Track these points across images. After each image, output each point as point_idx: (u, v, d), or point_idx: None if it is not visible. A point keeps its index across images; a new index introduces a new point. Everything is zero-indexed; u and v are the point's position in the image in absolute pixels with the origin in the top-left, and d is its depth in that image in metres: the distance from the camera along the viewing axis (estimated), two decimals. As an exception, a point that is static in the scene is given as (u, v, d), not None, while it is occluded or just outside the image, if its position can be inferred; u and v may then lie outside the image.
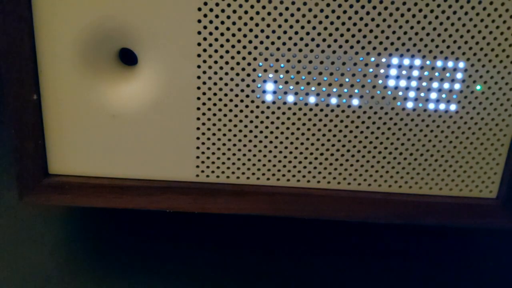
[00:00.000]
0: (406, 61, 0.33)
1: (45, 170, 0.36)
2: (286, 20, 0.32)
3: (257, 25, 0.32)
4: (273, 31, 0.32)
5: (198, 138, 0.35)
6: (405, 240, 0.42)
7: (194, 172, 0.36)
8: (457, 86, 0.34)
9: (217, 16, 0.32)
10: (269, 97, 0.34)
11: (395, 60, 0.33)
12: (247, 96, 0.34)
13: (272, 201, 0.37)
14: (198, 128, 0.35)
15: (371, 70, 0.33)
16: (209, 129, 0.35)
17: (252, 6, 0.31)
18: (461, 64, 0.33)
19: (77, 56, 0.33)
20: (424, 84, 0.34)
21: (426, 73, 0.33)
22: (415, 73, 0.33)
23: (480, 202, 0.37)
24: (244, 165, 0.36)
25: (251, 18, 0.32)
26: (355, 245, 0.41)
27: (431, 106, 0.34)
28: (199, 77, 0.33)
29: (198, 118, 0.34)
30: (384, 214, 0.37)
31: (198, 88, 0.34)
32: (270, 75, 0.33)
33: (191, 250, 0.40)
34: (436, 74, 0.34)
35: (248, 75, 0.33)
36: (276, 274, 0.38)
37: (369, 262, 0.40)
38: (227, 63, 0.33)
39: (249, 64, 0.33)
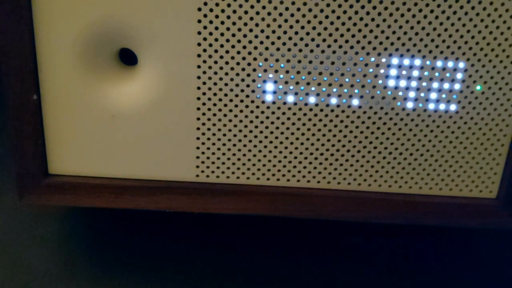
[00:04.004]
0: (406, 61, 0.33)
1: (45, 170, 0.36)
2: (286, 20, 0.32)
3: (257, 25, 0.32)
4: (273, 31, 0.32)
5: (198, 138, 0.35)
6: (405, 240, 0.42)
7: (194, 172, 0.36)
8: (457, 86, 0.34)
9: (217, 16, 0.32)
10: (269, 97, 0.34)
11: (395, 60, 0.33)
12: (247, 96, 0.34)
13: (272, 201, 0.37)
14: (198, 128, 0.35)
15: (371, 70, 0.33)
16: (209, 129, 0.35)
17: (252, 6, 0.31)
18: (461, 64, 0.33)
19: (77, 56, 0.33)
20: (424, 84, 0.34)
21: (426, 73, 0.33)
22: (415, 73, 0.33)
23: (480, 202, 0.37)
24: (244, 165, 0.36)
25: (251, 18, 0.32)
26: (355, 245, 0.41)
27: (431, 106, 0.34)
28: (199, 77, 0.33)
29: (198, 118, 0.34)
30: (384, 214, 0.37)
31: (198, 88, 0.34)
32: (270, 75, 0.33)
33: (191, 250, 0.40)
34: (436, 74, 0.34)
35: (248, 75, 0.33)
36: (276, 274, 0.38)
37: (369, 262, 0.40)
38: (227, 63, 0.33)
39: (249, 64, 0.33)
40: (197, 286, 0.37)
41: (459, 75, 0.34)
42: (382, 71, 0.33)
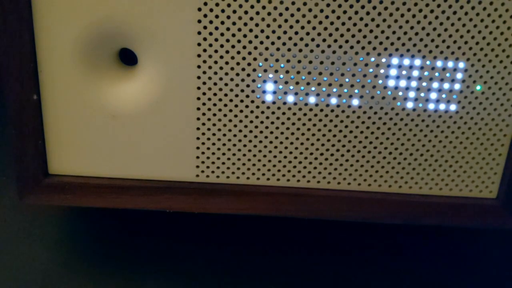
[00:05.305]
0: (406, 61, 0.33)
1: (45, 170, 0.36)
2: (286, 20, 0.32)
3: (257, 25, 0.32)
4: (273, 31, 0.32)
5: (198, 138, 0.35)
6: (405, 240, 0.42)
7: (194, 172, 0.36)
8: (457, 86, 0.34)
9: (217, 16, 0.32)
10: (269, 97, 0.34)
11: (395, 60, 0.33)
12: (247, 96, 0.34)
13: (272, 201, 0.37)
14: (198, 128, 0.35)
15: (371, 70, 0.33)
16: (209, 129, 0.35)
17: (252, 6, 0.31)
18: (461, 64, 0.33)
19: (77, 56, 0.33)
20: (424, 84, 0.34)
21: (426, 73, 0.33)
22: (415, 73, 0.33)
23: (480, 202, 0.37)
24: (244, 165, 0.36)
25: (251, 18, 0.32)
26: (355, 245, 0.41)
27: (431, 106, 0.34)
28: (199, 77, 0.33)
29: (198, 118, 0.34)
30: (384, 214, 0.37)
31: (198, 88, 0.34)
32: (270, 75, 0.33)
33: (191, 250, 0.40)
34: (436, 74, 0.34)
35: (248, 75, 0.33)
36: (276, 274, 0.38)
37: (369, 262, 0.40)
38: (227, 63, 0.33)
39: (249, 64, 0.33)
40: (197, 286, 0.37)
41: (459, 75, 0.34)
42: (382, 71, 0.33)
